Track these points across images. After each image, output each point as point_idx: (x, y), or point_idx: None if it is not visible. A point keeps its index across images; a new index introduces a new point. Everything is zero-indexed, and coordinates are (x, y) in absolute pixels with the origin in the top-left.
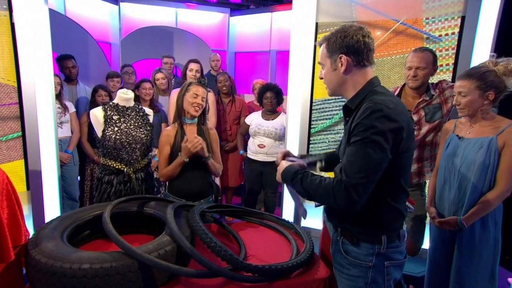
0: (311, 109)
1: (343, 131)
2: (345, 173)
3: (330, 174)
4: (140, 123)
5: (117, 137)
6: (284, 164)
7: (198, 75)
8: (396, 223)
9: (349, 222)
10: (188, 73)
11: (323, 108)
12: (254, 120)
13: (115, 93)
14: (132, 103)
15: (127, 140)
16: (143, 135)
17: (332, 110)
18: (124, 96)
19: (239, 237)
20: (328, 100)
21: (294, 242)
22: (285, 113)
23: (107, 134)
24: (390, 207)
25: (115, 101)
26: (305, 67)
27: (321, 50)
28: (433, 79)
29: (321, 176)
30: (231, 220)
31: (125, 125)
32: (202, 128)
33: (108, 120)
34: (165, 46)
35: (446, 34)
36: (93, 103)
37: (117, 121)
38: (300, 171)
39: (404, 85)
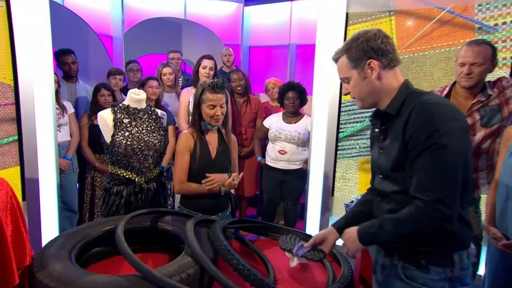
0: (339, 111)
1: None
2: (424, 191)
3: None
4: (153, 127)
5: (128, 142)
6: (351, 233)
7: (212, 73)
8: (468, 239)
9: (415, 242)
10: (201, 71)
11: (353, 110)
12: (274, 123)
13: (117, 92)
14: (144, 105)
15: (139, 146)
16: (156, 141)
17: (363, 112)
18: (135, 97)
19: (265, 258)
20: None
21: (329, 265)
22: (309, 115)
23: (117, 139)
24: (462, 220)
25: (126, 102)
26: (333, 63)
27: (339, 64)
28: (490, 77)
29: (391, 213)
30: (246, 234)
31: (136, 129)
32: (222, 134)
33: (118, 123)
34: (172, 39)
35: (504, 23)
36: (95, 104)
37: (128, 125)
38: (369, 224)
39: (454, 83)
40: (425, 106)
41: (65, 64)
